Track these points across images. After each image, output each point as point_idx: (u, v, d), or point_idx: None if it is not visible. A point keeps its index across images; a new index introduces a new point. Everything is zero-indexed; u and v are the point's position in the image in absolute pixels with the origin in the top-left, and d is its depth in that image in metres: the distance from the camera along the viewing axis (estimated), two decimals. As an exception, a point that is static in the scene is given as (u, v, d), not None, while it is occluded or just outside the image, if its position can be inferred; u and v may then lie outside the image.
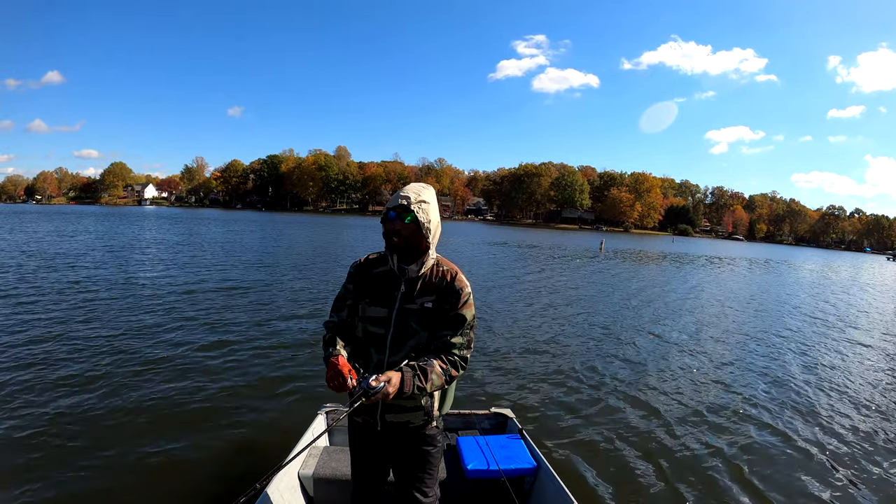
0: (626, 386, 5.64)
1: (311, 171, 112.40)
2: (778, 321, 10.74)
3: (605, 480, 3.57)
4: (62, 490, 3.10)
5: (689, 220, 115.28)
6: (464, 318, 1.80)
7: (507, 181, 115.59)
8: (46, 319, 7.06)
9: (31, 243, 18.21)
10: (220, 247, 20.89)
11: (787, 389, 5.89)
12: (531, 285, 14.02)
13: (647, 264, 25.06)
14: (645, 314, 10.41)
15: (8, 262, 12.85)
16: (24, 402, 4.25)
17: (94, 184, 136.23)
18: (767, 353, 7.66)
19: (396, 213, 1.75)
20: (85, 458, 3.46)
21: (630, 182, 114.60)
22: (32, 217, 42.03)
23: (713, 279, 19.93)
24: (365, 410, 1.83)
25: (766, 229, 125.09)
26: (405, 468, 1.92)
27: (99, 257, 14.88)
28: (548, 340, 7.58)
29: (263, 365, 5.59)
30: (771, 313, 11.85)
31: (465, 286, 1.83)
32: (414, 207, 1.75)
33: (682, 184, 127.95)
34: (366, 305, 1.84)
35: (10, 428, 3.78)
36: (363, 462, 1.97)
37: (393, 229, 1.75)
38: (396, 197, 1.78)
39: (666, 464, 3.86)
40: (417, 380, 1.68)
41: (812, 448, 4.29)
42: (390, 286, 1.82)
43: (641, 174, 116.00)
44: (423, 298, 1.80)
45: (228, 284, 11.01)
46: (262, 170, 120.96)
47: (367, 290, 1.84)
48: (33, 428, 3.81)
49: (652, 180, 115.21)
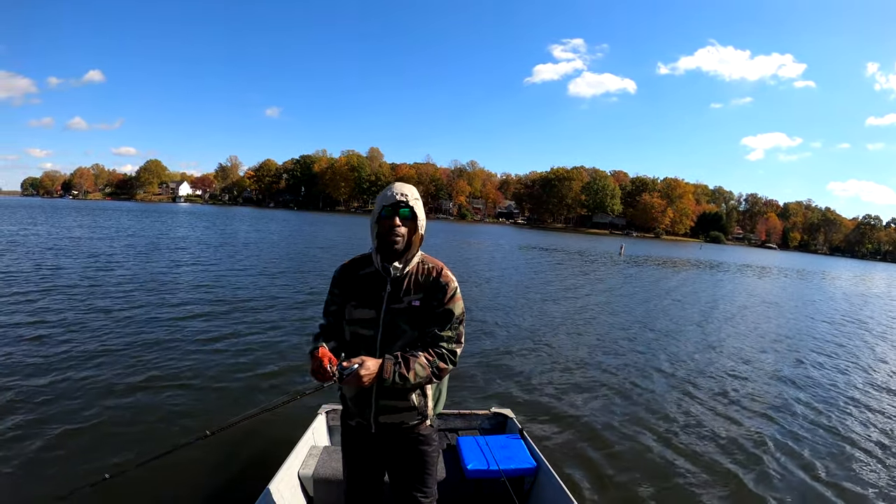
0: (626, 386, 5.66)
1: (344, 171, 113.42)
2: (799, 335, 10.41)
3: (605, 480, 3.58)
4: (63, 489, 3.06)
5: (721, 228, 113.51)
6: (451, 313, 1.78)
7: (538, 184, 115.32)
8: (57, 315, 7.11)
9: (58, 239, 18.33)
10: (253, 245, 21.07)
11: (777, 389, 6.01)
12: (539, 287, 14.06)
13: (663, 269, 24.59)
14: (646, 317, 10.44)
15: (34, 258, 12.92)
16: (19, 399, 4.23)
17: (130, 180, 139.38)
18: (757, 348, 7.97)
19: (393, 210, 1.72)
20: (85, 457, 3.45)
21: (662, 187, 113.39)
22: (68, 212, 43.13)
23: (736, 288, 18.98)
24: (358, 413, 1.83)
25: (799, 238, 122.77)
26: (401, 469, 1.90)
27: (120, 256, 14.31)
28: (548, 341, 7.63)
29: (264, 365, 5.56)
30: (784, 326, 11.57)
31: (452, 281, 1.81)
32: (412, 203, 1.73)
33: (716, 190, 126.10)
34: (352, 308, 1.80)
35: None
36: (358, 465, 1.93)
37: (391, 227, 1.71)
38: (391, 194, 1.73)
39: (666, 464, 3.89)
40: (399, 367, 1.66)
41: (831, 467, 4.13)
42: (376, 287, 1.79)
43: (674, 180, 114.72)
44: (410, 297, 1.77)
45: (240, 282, 11.01)
46: (295, 169, 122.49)
47: (352, 292, 1.80)
48: (33, 428, 3.79)
49: (684, 186, 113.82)
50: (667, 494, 3.49)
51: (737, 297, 15.82)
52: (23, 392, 4.40)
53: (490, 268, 18.33)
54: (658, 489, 3.54)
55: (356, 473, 1.94)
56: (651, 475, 3.72)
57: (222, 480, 3.27)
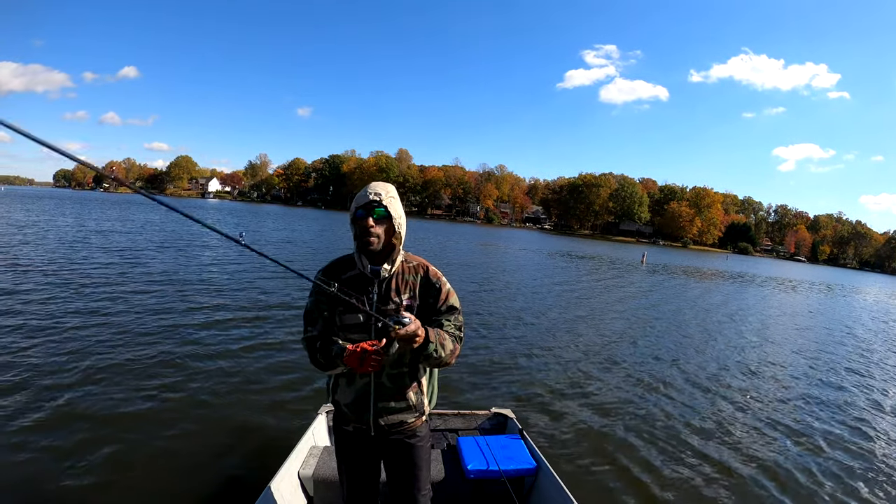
0: (626, 388, 5.67)
1: (372, 172, 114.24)
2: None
3: (605, 481, 3.58)
4: (63, 488, 3.09)
5: (749, 239, 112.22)
6: (454, 307, 1.84)
7: (566, 190, 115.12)
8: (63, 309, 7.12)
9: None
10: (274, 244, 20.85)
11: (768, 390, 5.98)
12: (547, 290, 13.99)
13: (683, 279, 23.63)
14: (650, 324, 10.34)
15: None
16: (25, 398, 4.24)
17: (161, 175, 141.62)
18: (762, 358, 7.87)
19: (366, 210, 1.71)
20: (84, 456, 3.46)
21: (691, 196, 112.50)
22: (98, 204, 43.93)
23: (753, 300, 18.21)
24: (356, 418, 1.82)
25: (829, 251, 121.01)
26: (399, 468, 1.90)
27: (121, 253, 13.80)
28: (550, 342, 7.65)
29: (264, 365, 5.56)
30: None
31: (441, 277, 1.85)
32: (385, 202, 1.72)
33: (745, 200, 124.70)
34: (341, 314, 1.76)
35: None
36: (356, 470, 1.91)
37: (366, 227, 1.70)
38: (365, 194, 1.73)
39: (666, 464, 3.89)
40: (439, 336, 1.69)
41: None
42: (362, 290, 1.77)
43: (703, 189, 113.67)
44: (399, 297, 1.78)
45: (247, 283, 10.80)
46: (323, 169, 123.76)
47: (338, 298, 1.68)
48: (32, 427, 3.80)
49: (713, 196, 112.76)
50: (667, 494, 3.49)
51: (750, 309, 15.32)
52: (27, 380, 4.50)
53: (504, 271, 18.17)
54: (658, 489, 3.54)
55: (355, 479, 1.93)
56: (651, 475, 3.72)
57: (222, 480, 3.27)
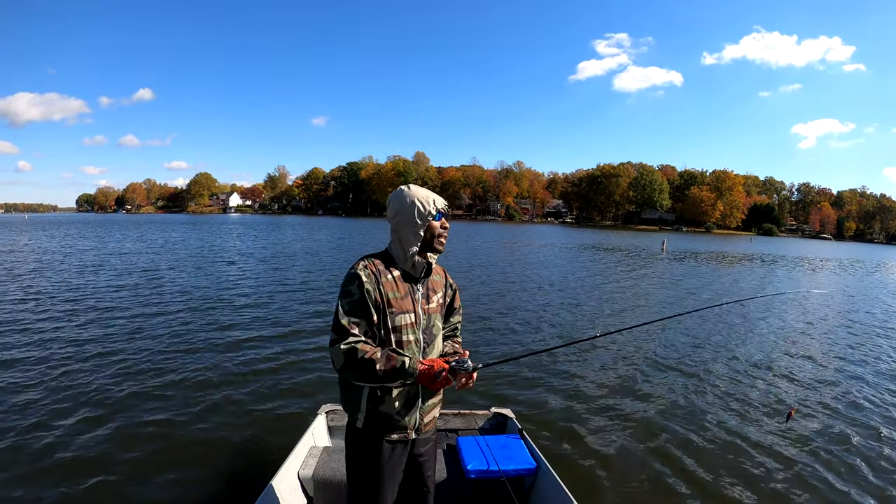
0: (626, 387, 5.62)
1: (390, 176, 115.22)
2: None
3: (605, 481, 3.56)
4: (64, 486, 3.15)
5: (773, 219, 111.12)
6: (461, 308, 2.05)
7: (585, 182, 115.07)
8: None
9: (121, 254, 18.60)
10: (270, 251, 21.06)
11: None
12: (555, 285, 13.59)
13: (704, 266, 22.57)
14: (658, 313, 10.11)
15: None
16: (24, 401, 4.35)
17: (181, 193, 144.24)
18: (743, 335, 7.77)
19: (442, 214, 1.81)
20: (85, 455, 3.52)
21: (711, 180, 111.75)
22: (119, 226, 44.08)
23: (766, 282, 17.24)
24: (405, 421, 1.77)
25: (855, 227, 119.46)
26: (422, 466, 1.89)
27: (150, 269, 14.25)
28: (550, 343, 7.49)
29: (264, 365, 5.60)
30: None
31: (449, 277, 2.00)
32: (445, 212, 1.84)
33: (767, 181, 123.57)
34: (392, 314, 1.71)
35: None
36: (392, 480, 1.79)
37: (443, 228, 1.80)
38: (432, 198, 1.78)
39: (666, 464, 3.86)
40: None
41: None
42: (409, 289, 1.78)
43: (723, 172, 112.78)
44: (436, 296, 1.87)
45: (244, 288, 10.93)
46: (342, 177, 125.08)
47: (387, 296, 1.69)
48: (33, 424, 3.89)
49: (734, 178, 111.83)
50: (667, 494, 3.48)
51: (760, 292, 14.37)
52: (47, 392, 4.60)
53: (513, 267, 18.03)
54: (658, 489, 3.53)
55: (390, 490, 1.79)
56: (652, 475, 3.70)
57: (222, 480, 3.30)
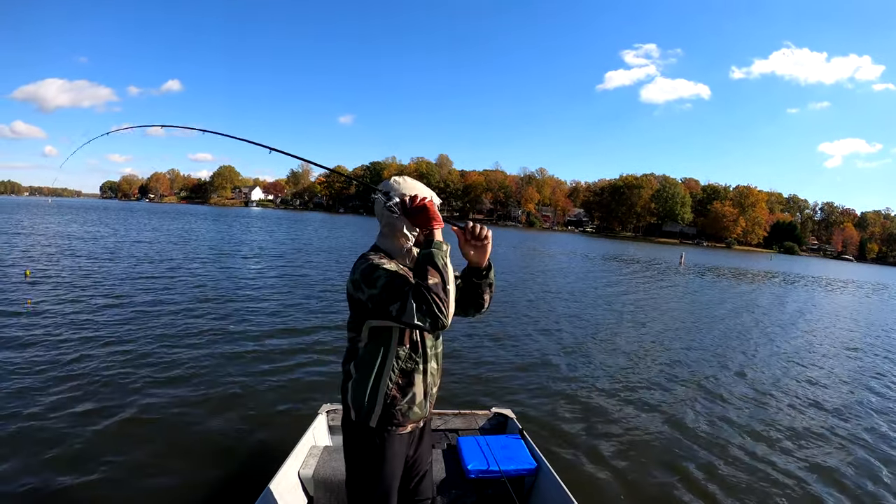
0: (628, 386, 5.66)
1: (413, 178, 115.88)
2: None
3: (605, 481, 3.58)
4: (62, 485, 3.11)
5: (795, 238, 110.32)
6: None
7: (607, 192, 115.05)
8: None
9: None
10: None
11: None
12: (563, 292, 13.66)
13: (721, 281, 22.33)
14: (663, 325, 10.05)
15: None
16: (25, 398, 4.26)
17: (204, 185, 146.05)
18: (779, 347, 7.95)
19: None
20: (83, 451, 3.51)
21: (734, 196, 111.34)
22: (143, 213, 44.25)
23: (783, 300, 17.07)
24: (421, 410, 1.74)
25: (877, 249, 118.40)
26: (424, 455, 1.89)
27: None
28: (551, 341, 7.59)
29: (264, 364, 5.60)
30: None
31: None
32: None
33: (790, 198, 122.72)
34: None
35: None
36: (397, 474, 1.78)
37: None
38: (427, 193, 1.78)
39: (666, 464, 3.88)
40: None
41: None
42: None
43: (746, 188, 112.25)
44: None
45: (254, 287, 10.81)
46: (365, 176, 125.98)
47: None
48: (31, 426, 3.83)
49: (757, 194, 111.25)
50: (668, 494, 3.51)
51: (774, 307, 14.72)
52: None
53: (524, 272, 18.22)
54: (659, 489, 3.56)
55: (395, 483, 1.78)
56: (652, 475, 3.72)
57: (222, 480, 3.28)
